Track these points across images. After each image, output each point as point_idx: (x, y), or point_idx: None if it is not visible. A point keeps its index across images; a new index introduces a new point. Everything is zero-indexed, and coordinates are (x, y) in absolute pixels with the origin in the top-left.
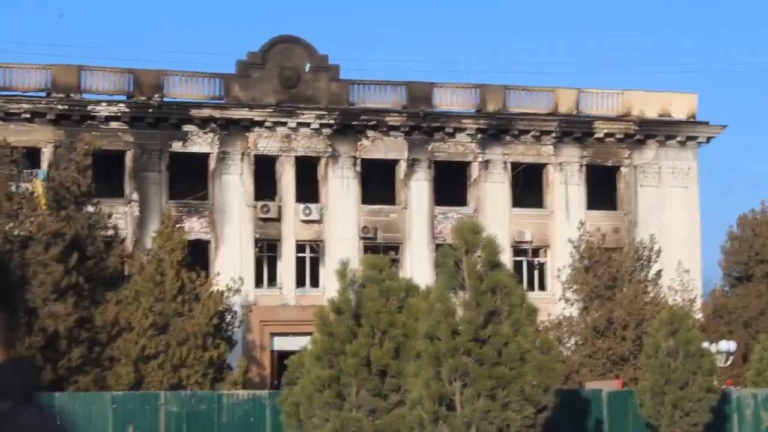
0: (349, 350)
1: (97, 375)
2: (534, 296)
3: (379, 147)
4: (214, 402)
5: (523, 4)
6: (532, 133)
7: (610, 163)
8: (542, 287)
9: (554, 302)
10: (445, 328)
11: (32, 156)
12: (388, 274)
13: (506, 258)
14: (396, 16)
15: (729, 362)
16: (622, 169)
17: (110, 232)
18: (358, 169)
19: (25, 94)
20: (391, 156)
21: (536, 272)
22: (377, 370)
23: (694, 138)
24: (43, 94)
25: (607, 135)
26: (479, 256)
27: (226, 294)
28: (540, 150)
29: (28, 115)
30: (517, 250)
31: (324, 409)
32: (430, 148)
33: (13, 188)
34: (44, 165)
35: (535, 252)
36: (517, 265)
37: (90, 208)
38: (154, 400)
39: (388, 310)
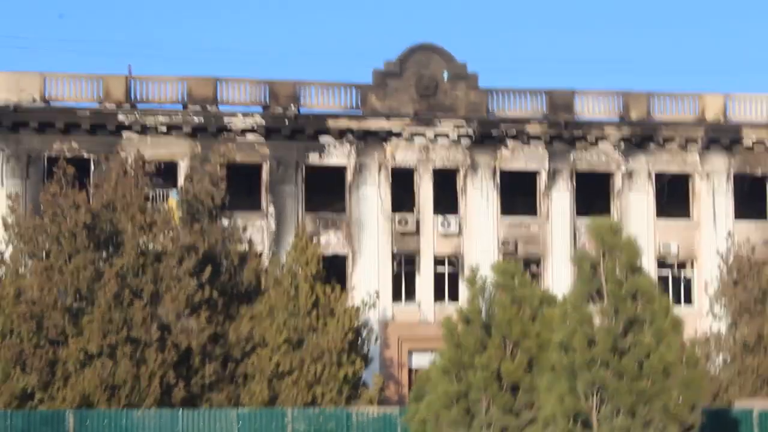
0: (478, 363)
1: (230, 392)
2: (680, 311)
3: (519, 157)
4: (343, 420)
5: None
6: (678, 141)
7: (759, 172)
8: (688, 301)
9: (701, 317)
10: (580, 337)
11: (168, 169)
12: (521, 281)
13: (651, 271)
14: (534, 19)
15: None
16: None
17: (245, 246)
18: (498, 180)
19: (162, 106)
20: (531, 166)
21: (682, 286)
22: (509, 384)
23: None
24: (180, 106)
25: (756, 142)
26: (618, 260)
27: (362, 309)
28: (686, 159)
29: (164, 128)
30: (662, 263)
31: (452, 427)
32: (571, 158)
33: (147, 203)
34: (181, 178)
35: (681, 265)
36: (662, 279)
37: (224, 222)
38: (281, 418)
39: (521, 319)
